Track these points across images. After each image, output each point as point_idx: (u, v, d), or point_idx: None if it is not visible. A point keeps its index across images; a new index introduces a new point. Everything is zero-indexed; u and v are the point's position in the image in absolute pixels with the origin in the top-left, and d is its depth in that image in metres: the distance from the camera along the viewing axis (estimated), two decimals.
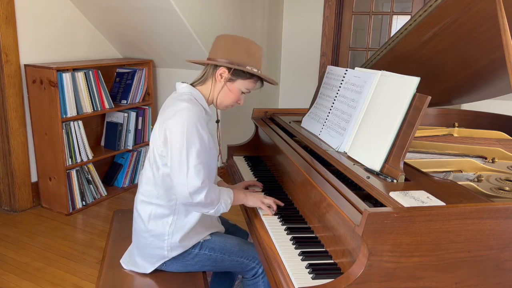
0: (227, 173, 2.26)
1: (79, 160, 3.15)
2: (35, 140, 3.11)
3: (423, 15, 1.69)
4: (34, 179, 3.19)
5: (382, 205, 1.15)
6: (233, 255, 1.59)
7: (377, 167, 1.35)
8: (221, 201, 1.51)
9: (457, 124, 2.30)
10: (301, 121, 2.01)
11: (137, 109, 3.58)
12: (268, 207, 1.58)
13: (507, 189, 1.38)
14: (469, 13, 1.60)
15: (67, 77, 2.95)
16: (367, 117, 1.51)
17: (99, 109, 3.23)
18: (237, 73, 1.55)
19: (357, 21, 4.20)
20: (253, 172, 2.08)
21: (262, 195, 1.64)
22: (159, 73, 3.86)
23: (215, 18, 3.39)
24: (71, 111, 3.01)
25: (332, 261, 1.25)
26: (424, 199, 1.12)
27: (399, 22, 4.33)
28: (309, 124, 1.92)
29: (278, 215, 1.56)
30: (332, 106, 1.76)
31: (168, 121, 1.46)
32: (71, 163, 3.08)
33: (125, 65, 3.62)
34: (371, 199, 1.24)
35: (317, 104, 1.92)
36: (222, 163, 1.63)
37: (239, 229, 1.87)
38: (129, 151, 3.62)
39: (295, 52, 4.34)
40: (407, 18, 3.95)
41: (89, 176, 3.27)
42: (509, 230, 1.06)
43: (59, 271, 2.39)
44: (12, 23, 2.88)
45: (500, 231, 1.05)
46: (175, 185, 1.46)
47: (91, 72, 3.14)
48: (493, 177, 1.49)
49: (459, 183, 1.29)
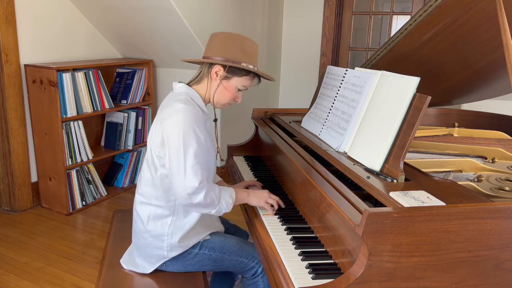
0: (227, 173, 2.26)
1: (79, 160, 3.15)
2: (35, 140, 3.11)
3: (423, 15, 1.69)
4: (34, 179, 3.19)
5: (382, 205, 1.15)
6: (233, 255, 1.59)
7: (377, 167, 1.35)
8: (222, 201, 1.50)
9: (457, 124, 2.30)
10: (301, 121, 2.01)
11: (137, 109, 3.58)
12: (271, 206, 1.57)
13: (507, 189, 1.38)
14: (469, 13, 1.60)
15: (67, 77, 2.95)
16: (367, 117, 1.51)
17: (99, 109, 3.23)
18: (232, 71, 1.54)
19: (357, 21, 4.20)
20: (253, 172, 2.08)
21: (265, 193, 1.60)
22: (159, 73, 3.86)
23: (215, 18, 3.39)
24: (71, 111, 3.01)
25: (332, 261, 1.25)
26: (424, 199, 1.12)
27: (399, 22, 4.33)
28: (309, 124, 1.92)
29: (278, 215, 1.56)
30: (332, 106, 1.76)
31: (164, 123, 1.46)
32: (71, 163, 3.08)
33: (125, 65, 3.62)
34: (371, 199, 1.24)
35: (317, 104, 1.92)
36: (221, 160, 1.62)
37: (239, 229, 1.87)
38: (129, 151, 3.62)
39: (295, 52, 4.34)
40: (407, 18, 3.96)
41: (89, 176, 3.27)
42: (509, 230, 1.06)
43: (59, 271, 2.39)
44: (12, 23, 2.88)
45: (500, 231, 1.05)
46: (174, 187, 1.45)
47: (91, 72, 3.14)
48: (493, 177, 1.49)
49: (459, 183, 1.29)
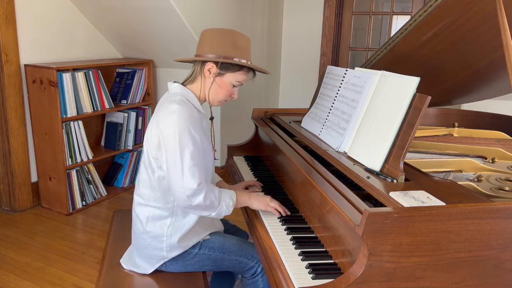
0: (227, 173, 2.26)
1: (79, 160, 3.15)
2: (35, 140, 3.11)
3: (423, 15, 1.69)
4: (34, 179, 3.19)
5: (382, 205, 1.15)
6: (232, 254, 1.59)
7: (377, 167, 1.35)
8: (222, 203, 1.49)
9: (457, 124, 2.30)
10: (301, 121, 2.01)
11: (137, 109, 3.58)
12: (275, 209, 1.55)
13: (507, 189, 1.38)
14: (469, 13, 1.60)
15: (67, 77, 2.95)
16: (367, 117, 1.51)
17: (99, 109, 3.23)
18: (225, 67, 1.51)
19: (357, 21, 4.20)
20: (253, 172, 2.08)
21: (267, 198, 1.58)
22: (159, 73, 3.86)
23: (215, 18, 3.39)
24: (71, 111, 3.01)
25: (332, 261, 1.25)
26: (424, 199, 1.12)
27: (399, 22, 4.33)
28: (309, 124, 1.92)
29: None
30: (332, 106, 1.76)
31: (160, 125, 1.45)
32: (71, 163, 3.08)
33: (125, 65, 3.62)
34: (371, 199, 1.24)
35: (317, 104, 1.92)
36: (214, 158, 1.61)
37: (238, 229, 1.87)
38: (129, 151, 3.62)
39: (295, 52, 4.33)
40: (407, 18, 3.96)
41: (89, 176, 3.27)
42: (509, 230, 1.06)
43: (59, 271, 2.39)
44: (12, 23, 2.88)
45: (500, 231, 1.05)
46: (173, 190, 1.45)
47: (91, 72, 3.14)
48: (493, 177, 1.49)
49: (459, 183, 1.29)
